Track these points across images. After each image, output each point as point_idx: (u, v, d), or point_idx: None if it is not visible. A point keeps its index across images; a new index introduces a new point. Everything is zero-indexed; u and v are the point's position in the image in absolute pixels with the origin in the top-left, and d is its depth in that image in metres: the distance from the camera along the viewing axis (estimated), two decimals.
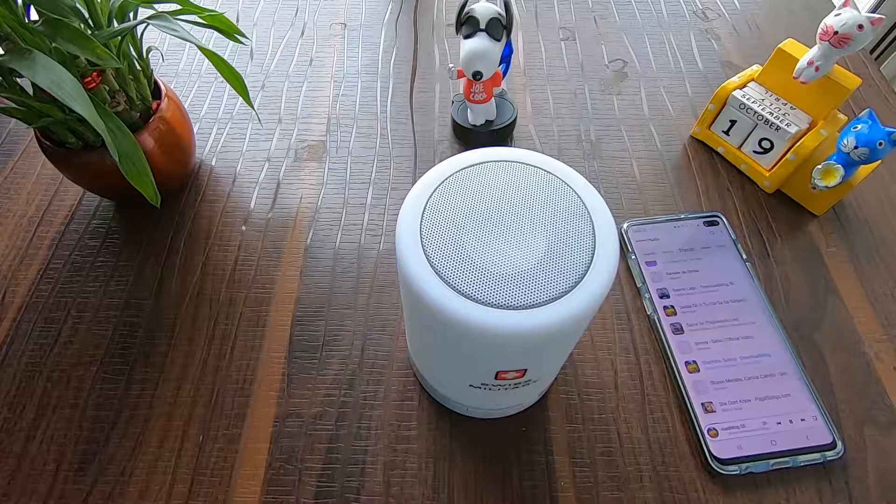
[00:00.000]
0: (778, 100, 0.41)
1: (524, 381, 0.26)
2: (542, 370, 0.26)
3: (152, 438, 0.32)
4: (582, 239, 0.22)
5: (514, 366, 0.24)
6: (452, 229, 0.22)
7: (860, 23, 0.34)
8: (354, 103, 0.49)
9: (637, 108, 0.48)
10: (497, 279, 0.21)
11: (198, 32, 0.39)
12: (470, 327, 0.21)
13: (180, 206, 0.42)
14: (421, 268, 0.21)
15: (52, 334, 0.36)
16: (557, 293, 0.21)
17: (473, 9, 0.37)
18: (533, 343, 0.21)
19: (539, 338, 0.21)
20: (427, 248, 0.22)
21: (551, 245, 0.22)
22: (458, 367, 0.26)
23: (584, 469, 0.31)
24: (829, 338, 0.36)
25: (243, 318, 0.36)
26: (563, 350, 0.25)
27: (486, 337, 0.21)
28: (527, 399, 0.31)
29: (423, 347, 0.28)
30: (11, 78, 0.31)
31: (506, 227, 0.22)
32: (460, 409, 0.32)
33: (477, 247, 0.22)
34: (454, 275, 0.21)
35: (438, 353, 0.26)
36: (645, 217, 0.41)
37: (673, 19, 0.56)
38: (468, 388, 0.27)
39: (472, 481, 0.31)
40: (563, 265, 0.21)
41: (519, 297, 0.21)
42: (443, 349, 0.25)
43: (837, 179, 0.37)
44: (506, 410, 0.32)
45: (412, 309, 0.24)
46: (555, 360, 0.26)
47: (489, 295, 0.21)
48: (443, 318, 0.21)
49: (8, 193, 0.43)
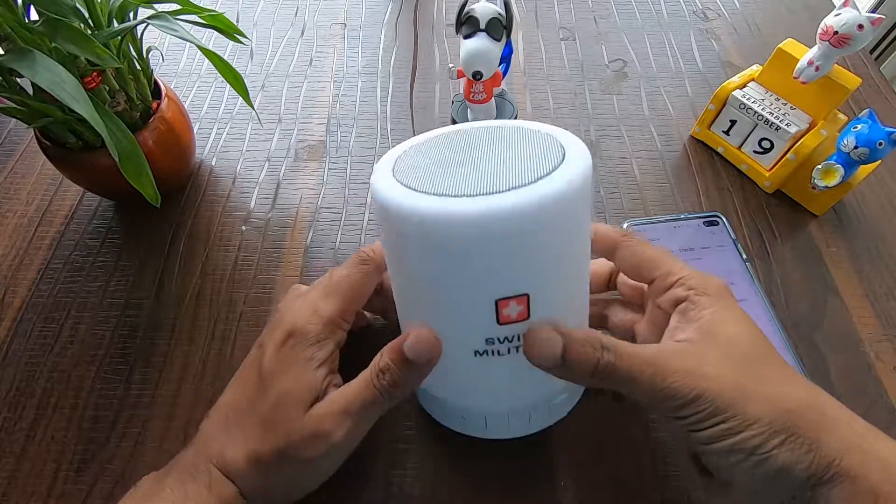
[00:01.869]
0: (778, 100, 0.41)
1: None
2: (548, 305, 0.23)
3: (152, 438, 0.32)
4: (551, 148, 0.23)
5: (511, 284, 0.22)
6: (423, 161, 0.24)
7: (860, 23, 0.34)
8: (354, 103, 0.49)
9: (637, 108, 0.48)
10: (470, 178, 0.21)
11: (198, 32, 0.39)
12: (446, 221, 0.20)
13: (180, 206, 0.42)
14: (391, 184, 0.22)
15: (52, 334, 0.36)
16: (534, 178, 0.21)
17: (473, 9, 0.37)
18: (518, 229, 0.21)
19: (521, 223, 0.20)
20: (398, 173, 0.23)
21: (520, 153, 0.22)
22: (454, 311, 0.24)
23: (584, 469, 0.31)
24: (829, 338, 0.36)
25: (243, 318, 0.36)
26: (559, 265, 0.23)
27: (471, 228, 0.20)
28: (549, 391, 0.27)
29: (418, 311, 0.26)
30: (11, 78, 0.31)
31: (474, 151, 0.24)
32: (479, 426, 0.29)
33: (447, 164, 0.23)
34: (425, 183, 0.22)
35: (431, 297, 0.24)
36: (645, 217, 0.41)
37: (673, 19, 0.56)
38: (474, 360, 0.25)
39: (472, 481, 0.31)
40: (534, 162, 0.22)
41: (493, 186, 0.21)
42: (432, 287, 0.24)
43: (837, 179, 0.37)
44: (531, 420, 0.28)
45: (393, 246, 0.24)
46: (557, 285, 0.24)
47: (461, 188, 0.21)
48: (426, 226, 0.21)
49: (8, 193, 0.43)
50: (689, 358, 0.23)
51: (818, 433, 0.22)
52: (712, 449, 0.22)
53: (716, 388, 0.22)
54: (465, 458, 0.31)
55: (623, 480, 0.31)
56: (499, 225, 0.20)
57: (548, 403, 0.28)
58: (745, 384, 0.23)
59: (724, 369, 0.23)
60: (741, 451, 0.22)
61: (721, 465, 0.23)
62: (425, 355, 0.24)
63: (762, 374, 0.23)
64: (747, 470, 0.22)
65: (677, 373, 0.22)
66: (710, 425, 0.22)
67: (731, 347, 0.24)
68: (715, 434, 0.22)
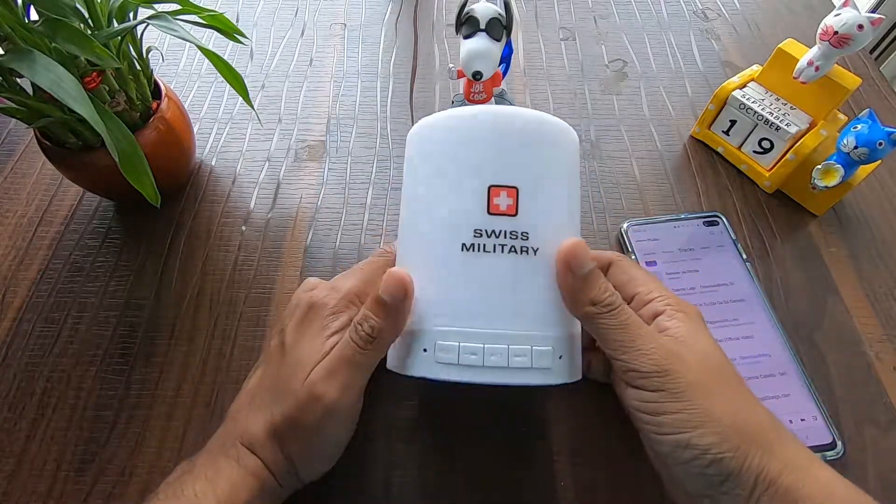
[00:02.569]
0: (778, 100, 0.41)
1: (520, 234, 0.25)
2: (534, 210, 0.26)
3: (152, 438, 0.32)
4: None
5: (502, 173, 0.26)
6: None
7: (860, 23, 0.34)
8: (354, 103, 0.49)
9: (637, 108, 0.48)
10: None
11: (198, 32, 0.39)
12: (461, 112, 0.27)
13: (180, 206, 0.42)
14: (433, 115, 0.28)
15: (52, 334, 0.36)
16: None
17: (473, 9, 0.37)
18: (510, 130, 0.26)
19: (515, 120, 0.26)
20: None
21: None
22: (451, 198, 0.26)
23: (584, 469, 0.31)
24: (829, 338, 0.36)
25: (243, 318, 0.36)
26: (545, 174, 0.27)
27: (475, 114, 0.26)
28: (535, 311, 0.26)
29: (415, 211, 0.28)
30: (11, 78, 0.31)
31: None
32: (475, 354, 0.25)
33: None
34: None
35: (430, 191, 0.27)
36: (645, 217, 0.41)
37: (673, 19, 0.56)
38: (461, 255, 0.25)
39: (471, 481, 0.31)
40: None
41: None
42: (434, 178, 0.27)
43: (837, 179, 0.37)
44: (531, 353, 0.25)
45: (411, 158, 0.29)
46: (544, 194, 0.26)
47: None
48: (441, 118, 0.27)
49: (8, 193, 0.43)
50: (673, 343, 0.25)
51: (771, 447, 0.22)
52: (667, 440, 0.23)
53: (687, 376, 0.23)
54: (465, 458, 0.31)
55: (623, 480, 0.31)
56: (498, 117, 0.26)
57: (529, 345, 0.25)
58: (711, 385, 0.24)
59: (697, 367, 0.24)
60: (695, 446, 0.22)
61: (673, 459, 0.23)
62: (400, 292, 0.25)
63: (729, 387, 0.24)
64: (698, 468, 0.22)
65: (663, 346, 0.24)
66: (669, 410, 0.23)
67: (705, 357, 0.25)
68: (671, 421, 0.23)
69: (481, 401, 0.33)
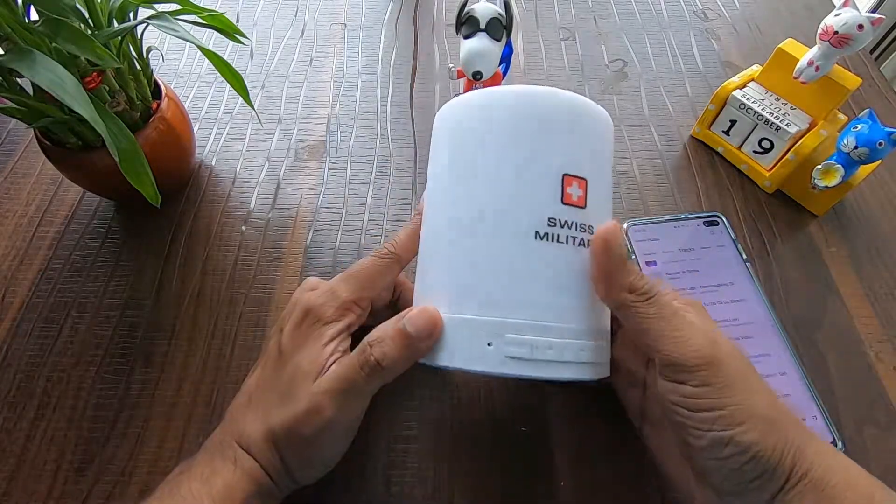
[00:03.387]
0: (778, 100, 0.41)
1: (588, 227, 0.25)
2: (598, 201, 0.26)
3: (152, 438, 0.32)
4: None
5: (574, 163, 0.25)
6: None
7: (860, 23, 0.34)
8: (354, 103, 0.49)
9: (637, 108, 0.48)
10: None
11: (198, 32, 0.39)
12: (536, 92, 0.25)
13: (180, 206, 0.42)
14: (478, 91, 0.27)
15: (52, 334, 0.36)
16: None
17: (473, 9, 0.37)
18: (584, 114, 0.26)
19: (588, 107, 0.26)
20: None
21: None
22: (521, 187, 0.25)
23: (584, 469, 0.31)
24: (829, 338, 0.36)
25: (243, 318, 0.36)
26: (603, 166, 0.27)
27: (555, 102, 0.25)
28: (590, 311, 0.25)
29: (477, 196, 0.25)
30: (11, 78, 0.31)
31: None
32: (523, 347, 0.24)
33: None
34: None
35: (502, 175, 0.25)
36: (645, 217, 0.41)
37: (673, 19, 0.56)
38: (534, 244, 0.24)
39: (472, 481, 0.31)
40: None
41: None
42: (509, 163, 0.25)
43: (837, 179, 0.37)
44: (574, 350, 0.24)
45: (468, 141, 0.26)
46: (603, 183, 0.27)
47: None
48: (520, 99, 0.25)
49: (8, 193, 0.43)
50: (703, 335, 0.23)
51: (804, 440, 0.22)
52: (709, 436, 0.22)
53: (732, 367, 0.22)
54: (465, 458, 0.31)
55: (623, 480, 0.31)
56: (575, 102, 0.26)
57: (593, 341, 0.25)
58: (751, 377, 0.23)
59: (736, 357, 0.23)
60: (738, 444, 0.22)
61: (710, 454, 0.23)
62: (426, 331, 0.24)
63: (759, 380, 0.24)
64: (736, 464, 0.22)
65: (705, 335, 0.23)
66: (714, 406, 0.22)
67: (733, 349, 0.24)
68: (716, 418, 0.22)
69: (481, 401, 0.33)
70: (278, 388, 0.26)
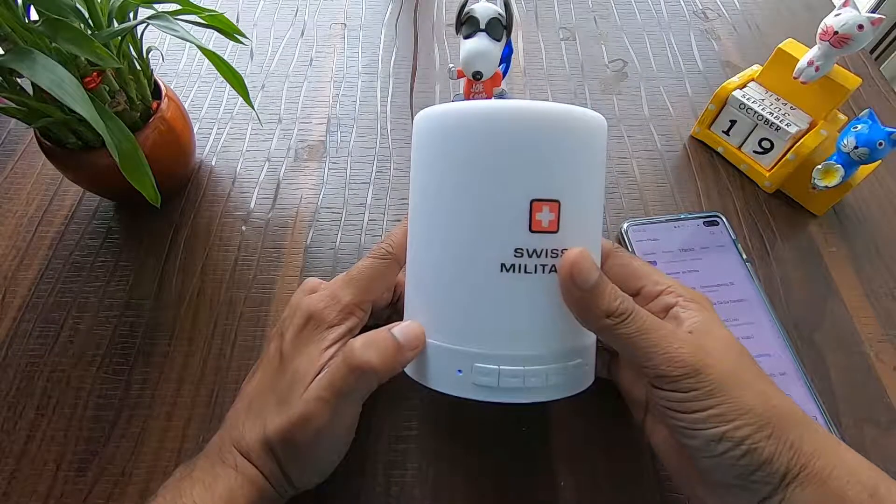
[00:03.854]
0: (778, 100, 0.41)
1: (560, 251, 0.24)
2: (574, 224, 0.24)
3: (152, 438, 0.32)
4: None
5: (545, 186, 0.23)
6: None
7: (860, 23, 0.34)
8: (354, 103, 0.49)
9: (637, 108, 0.48)
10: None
11: (198, 32, 0.39)
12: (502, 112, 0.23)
13: (180, 206, 0.42)
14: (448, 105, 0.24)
15: (52, 334, 0.36)
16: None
17: (473, 9, 0.37)
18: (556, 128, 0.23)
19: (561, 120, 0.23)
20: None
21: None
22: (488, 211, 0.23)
23: (584, 469, 0.31)
24: (829, 338, 0.36)
25: (243, 318, 0.36)
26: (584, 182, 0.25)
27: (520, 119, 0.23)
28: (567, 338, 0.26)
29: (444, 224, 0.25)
30: (11, 78, 0.31)
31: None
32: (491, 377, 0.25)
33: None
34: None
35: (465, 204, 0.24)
36: (645, 217, 0.41)
37: (673, 19, 0.56)
38: (500, 276, 0.24)
39: (472, 481, 0.31)
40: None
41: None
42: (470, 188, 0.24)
43: (837, 179, 0.37)
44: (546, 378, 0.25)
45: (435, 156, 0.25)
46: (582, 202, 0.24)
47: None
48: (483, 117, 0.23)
49: (8, 193, 0.43)
50: (692, 340, 0.24)
51: (800, 432, 0.22)
52: (701, 435, 0.23)
53: (718, 369, 0.23)
54: (465, 458, 0.31)
55: (623, 480, 0.31)
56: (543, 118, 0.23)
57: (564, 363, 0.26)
58: (741, 374, 0.23)
59: (725, 357, 0.24)
60: (730, 439, 0.22)
61: (705, 452, 0.23)
62: (413, 342, 0.26)
63: (754, 373, 0.24)
64: (730, 460, 0.22)
65: (687, 342, 0.23)
66: (704, 407, 0.22)
67: (728, 346, 0.25)
68: (706, 418, 0.22)
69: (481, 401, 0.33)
70: (277, 393, 0.26)
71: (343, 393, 0.25)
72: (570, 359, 0.26)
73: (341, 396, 0.25)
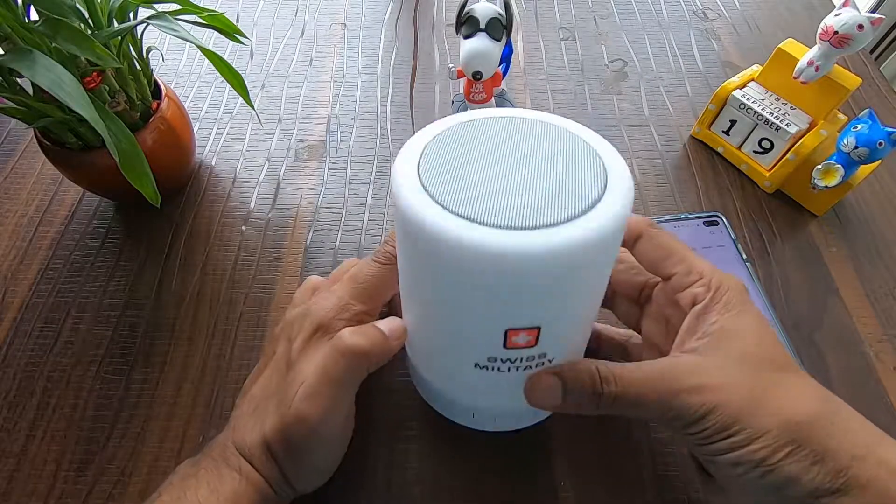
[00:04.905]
0: (778, 100, 0.41)
1: (538, 356, 0.23)
2: (557, 333, 0.23)
3: (152, 438, 0.32)
4: (593, 170, 0.21)
5: (525, 318, 0.21)
6: (452, 163, 0.21)
7: (860, 23, 0.34)
8: (354, 103, 0.49)
9: (637, 108, 0.48)
10: (502, 202, 0.19)
11: (198, 32, 0.39)
12: (475, 252, 0.18)
13: (180, 206, 0.42)
14: (419, 197, 0.20)
15: (52, 334, 0.36)
16: (570, 215, 0.19)
17: (473, 9, 0.37)
18: (546, 273, 0.19)
19: (553, 263, 0.19)
20: (425, 178, 0.20)
21: (560, 175, 0.20)
22: (462, 329, 0.23)
23: (584, 469, 0.31)
24: (829, 338, 0.36)
25: (243, 318, 0.36)
26: (578, 303, 0.23)
27: (495, 264, 0.19)
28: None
29: (423, 315, 0.25)
30: (11, 78, 0.31)
31: (509, 161, 0.21)
32: (465, 417, 0.30)
33: (481, 177, 0.20)
34: (456, 200, 0.19)
35: (440, 312, 0.24)
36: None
37: (673, 19, 0.56)
38: (473, 370, 0.24)
39: (472, 481, 0.31)
40: (574, 190, 0.20)
41: (530, 218, 0.19)
42: (444, 304, 0.23)
43: (837, 179, 0.37)
44: (519, 419, 0.29)
45: (410, 256, 0.23)
46: (570, 321, 0.23)
47: (494, 216, 0.19)
48: (446, 249, 0.19)
49: (8, 193, 0.43)
50: (700, 372, 0.23)
51: (827, 443, 0.21)
52: (719, 461, 0.22)
53: (726, 400, 0.22)
54: (465, 459, 0.31)
55: (623, 480, 0.31)
56: (529, 264, 0.19)
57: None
58: (756, 394, 0.22)
59: (737, 378, 0.23)
60: (747, 462, 0.21)
61: (726, 474, 0.23)
62: (397, 332, 0.27)
63: (774, 383, 0.23)
64: (752, 481, 0.22)
65: (688, 391, 0.22)
66: (718, 439, 0.22)
67: (745, 355, 0.23)
68: (722, 447, 0.22)
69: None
70: (277, 396, 0.26)
71: (335, 379, 0.25)
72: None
73: (334, 384, 0.25)
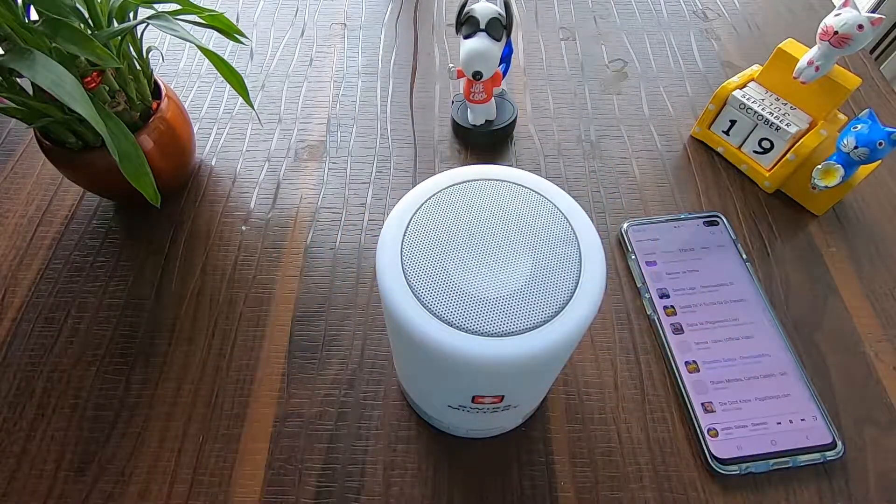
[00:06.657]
0: (778, 100, 0.41)
1: (503, 407, 0.26)
2: (520, 397, 0.25)
3: (152, 438, 0.32)
4: (567, 265, 0.21)
5: (490, 392, 0.23)
6: (434, 251, 0.22)
7: (860, 23, 0.34)
8: (354, 103, 0.49)
9: (637, 108, 0.48)
10: (476, 304, 0.21)
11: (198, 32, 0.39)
12: (446, 353, 0.20)
13: (180, 206, 0.42)
14: (400, 289, 0.21)
15: (52, 334, 0.36)
16: (537, 322, 0.20)
17: (473, 9, 0.37)
18: (509, 372, 0.21)
19: (515, 367, 0.21)
20: (407, 269, 0.21)
21: (535, 271, 0.21)
22: (435, 388, 0.25)
23: (584, 469, 0.31)
24: (829, 338, 0.36)
25: (243, 318, 0.36)
26: (541, 379, 0.25)
27: (461, 364, 0.20)
28: (508, 423, 0.31)
29: (404, 364, 0.27)
30: (11, 78, 0.31)
31: (489, 249, 0.22)
32: (441, 426, 0.31)
33: (458, 270, 0.21)
34: (433, 299, 0.21)
35: (417, 371, 0.26)
36: (645, 217, 0.41)
37: (673, 19, 0.56)
38: (447, 408, 0.27)
39: (472, 481, 0.31)
40: (545, 292, 0.21)
41: (498, 325, 0.20)
42: (421, 370, 0.25)
43: (837, 179, 0.37)
44: (488, 432, 0.31)
45: (391, 327, 0.24)
46: (533, 388, 0.26)
47: (467, 321, 0.20)
48: (420, 342, 0.21)
49: (8, 193, 0.43)
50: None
51: None
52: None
53: None
54: (465, 459, 0.31)
55: (623, 480, 0.31)
56: (499, 366, 0.20)
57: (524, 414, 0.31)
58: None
59: None
60: None
61: None
62: None
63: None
64: None
65: None
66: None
67: None
68: None
69: None
70: None
71: None
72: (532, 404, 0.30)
73: None
